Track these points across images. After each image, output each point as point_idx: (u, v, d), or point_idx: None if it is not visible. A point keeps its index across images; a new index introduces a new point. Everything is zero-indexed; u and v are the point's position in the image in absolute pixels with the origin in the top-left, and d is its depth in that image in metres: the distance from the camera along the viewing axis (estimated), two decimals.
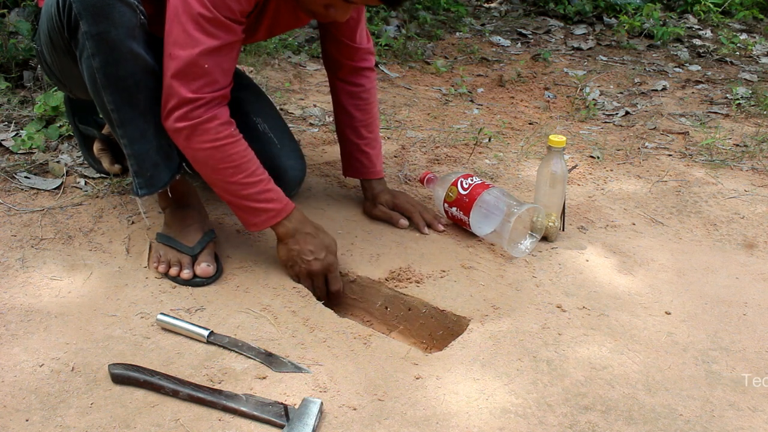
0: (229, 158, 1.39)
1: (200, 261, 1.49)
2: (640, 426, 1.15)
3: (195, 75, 1.32)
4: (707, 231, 1.84)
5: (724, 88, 3.08)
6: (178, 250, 1.50)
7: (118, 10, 1.28)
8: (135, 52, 1.32)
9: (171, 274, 1.47)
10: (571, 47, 3.65)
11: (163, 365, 1.22)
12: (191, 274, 1.47)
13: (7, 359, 1.22)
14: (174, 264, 1.48)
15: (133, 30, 1.31)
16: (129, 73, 1.34)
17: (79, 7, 1.28)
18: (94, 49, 1.30)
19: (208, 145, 1.37)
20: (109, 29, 1.29)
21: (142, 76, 1.35)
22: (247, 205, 1.44)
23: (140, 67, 1.34)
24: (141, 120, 1.39)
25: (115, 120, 1.38)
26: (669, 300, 1.51)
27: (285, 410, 1.12)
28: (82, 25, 1.29)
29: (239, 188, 1.42)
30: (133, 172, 1.45)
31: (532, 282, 1.54)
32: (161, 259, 1.50)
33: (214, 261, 1.51)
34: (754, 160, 2.28)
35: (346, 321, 1.39)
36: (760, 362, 1.33)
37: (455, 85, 2.91)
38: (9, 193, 1.77)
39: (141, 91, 1.36)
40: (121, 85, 1.34)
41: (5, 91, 2.28)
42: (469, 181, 1.69)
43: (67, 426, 1.09)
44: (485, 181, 1.71)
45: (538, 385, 1.23)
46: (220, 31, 1.31)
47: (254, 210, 1.45)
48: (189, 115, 1.34)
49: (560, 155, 1.64)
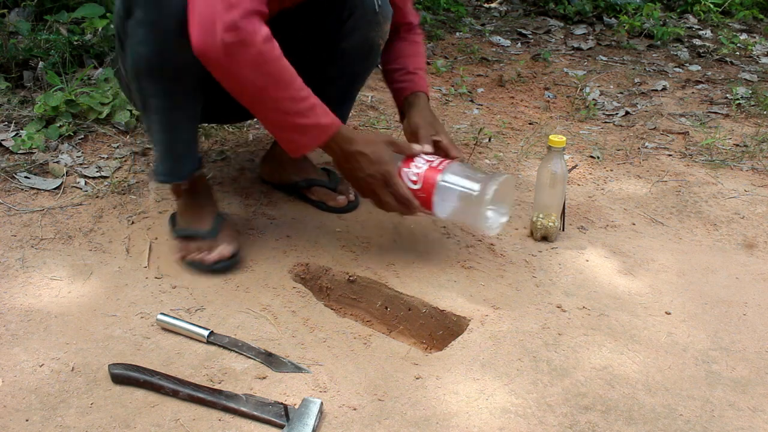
0: (278, 72, 1.31)
1: (220, 242, 1.51)
2: (640, 426, 1.15)
3: None
4: (707, 231, 1.84)
5: (724, 88, 3.08)
6: (197, 239, 1.52)
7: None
8: (183, 42, 1.30)
9: (195, 260, 1.51)
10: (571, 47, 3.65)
11: (163, 365, 1.22)
12: (215, 257, 1.50)
13: (7, 359, 1.22)
14: (194, 251, 1.52)
15: (184, 19, 1.30)
16: (173, 63, 1.34)
17: None
18: (143, 37, 1.32)
19: (258, 58, 1.28)
20: (161, 17, 1.29)
21: (185, 66, 1.34)
22: (296, 123, 1.36)
23: (185, 58, 1.32)
24: (177, 111, 1.40)
25: (151, 107, 1.39)
26: (669, 300, 1.51)
27: (285, 410, 1.12)
28: (136, 13, 1.30)
29: (290, 104, 1.34)
30: (158, 159, 1.49)
31: (532, 282, 1.54)
32: (183, 251, 1.53)
33: (234, 240, 1.54)
34: (754, 160, 2.28)
35: (346, 321, 1.39)
36: (760, 362, 1.33)
37: (455, 85, 2.91)
38: (9, 193, 1.76)
39: (181, 82, 1.37)
40: (164, 74, 1.35)
41: (5, 91, 2.28)
42: (414, 171, 1.46)
43: (67, 426, 1.09)
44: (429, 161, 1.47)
45: (538, 385, 1.23)
46: None
47: (303, 127, 1.37)
48: (238, 25, 1.26)
49: (560, 155, 1.64)
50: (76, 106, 2.11)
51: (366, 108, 2.55)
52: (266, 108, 1.37)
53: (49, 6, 2.77)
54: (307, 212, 1.78)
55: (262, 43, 1.28)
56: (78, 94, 2.13)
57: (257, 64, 1.29)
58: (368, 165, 1.42)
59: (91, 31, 2.63)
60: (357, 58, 1.63)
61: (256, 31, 1.28)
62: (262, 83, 1.32)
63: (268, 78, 1.31)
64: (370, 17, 1.57)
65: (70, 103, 2.10)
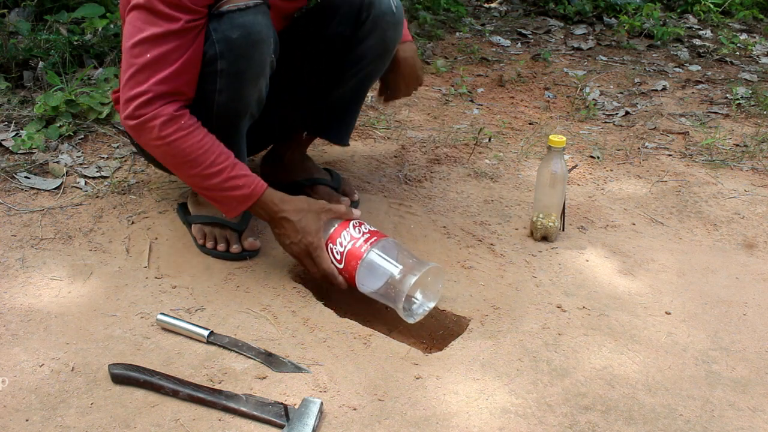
0: (182, 153, 1.35)
1: (246, 236, 1.55)
2: (640, 426, 1.15)
3: (138, 67, 1.30)
4: (707, 231, 1.84)
5: (724, 88, 3.08)
6: (223, 227, 1.54)
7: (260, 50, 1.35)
8: (260, 88, 1.40)
9: (219, 249, 1.53)
10: (571, 47, 3.65)
11: (163, 365, 1.22)
12: (240, 248, 1.54)
13: (7, 359, 1.22)
14: (221, 240, 1.54)
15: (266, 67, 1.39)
16: (244, 105, 1.41)
17: (222, 47, 1.32)
18: (224, 86, 1.36)
19: (158, 142, 1.34)
20: (246, 69, 1.36)
21: (253, 107, 1.44)
22: (215, 195, 1.41)
23: (255, 99, 1.42)
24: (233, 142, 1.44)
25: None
26: (669, 300, 1.51)
27: (285, 410, 1.12)
28: (219, 64, 1.34)
29: (200, 180, 1.38)
30: None
31: (532, 282, 1.54)
32: (207, 236, 1.56)
33: (256, 234, 1.58)
34: (754, 160, 2.28)
35: (346, 321, 1.39)
36: (760, 362, 1.33)
37: (455, 85, 2.91)
38: (9, 193, 1.76)
39: (244, 118, 1.44)
40: (231, 114, 1.41)
41: (5, 91, 2.28)
42: (338, 249, 1.41)
43: (67, 426, 1.09)
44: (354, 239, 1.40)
45: (538, 385, 1.23)
46: (160, 19, 1.28)
47: (222, 199, 1.41)
48: (135, 114, 1.32)
49: (560, 155, 1.64)
50: (76, 106, 2.11)
51: (366, 108, 2.55)
52: (186, 181, 1.45)
53: (49, 6, 2.77)
54: None
55: (161, 128, 1.32)
56: (78, 94, 2.13)
57: (159, 147, 1.36)
58: (293, 233, 1.43)
59: (91, 31, 2.63)
60: (374, 58, 1.63)
61: (157, 116, 1.32)
62: (170, 162, 1.40)
63: (175, 158, 1.37)
64: (389, 18, 1.58)
65: (70, 103, 2.10)
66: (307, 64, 1.64)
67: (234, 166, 1.39)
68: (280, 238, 1.46)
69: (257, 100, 1.45)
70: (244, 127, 1.49)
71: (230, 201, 1.41)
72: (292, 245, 1.43)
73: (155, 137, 1.33)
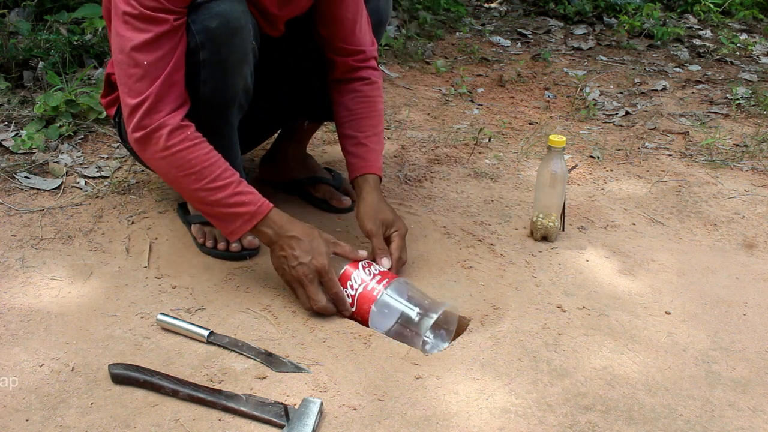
0: (188, 165, 1.32)
1: (245, 235, 1.50)
2: (640, 426, 1.15)
3: (137, 76, 1.29)
4: (707, 231, 1.84)
5: (724, 88, 3.08)
6: None
7: (240, 36, 1.33)
8: (244, 76, 1.39)
9: (219, 248, 1.54)
10: (571, 47, 3.65)
11: (163, 365, 1.22)
12: (239, 246, 1.54)
13: (7, 359, 1.22)
14: (221, 239, 1.55)
15: (248, 54, 1.37)
16: (231, 95, 1.39)
17: (203, 37, 1.31)
18: (208, 76, 1.35)
19: (164, 153, 1.31)
20: (228, 57, 1.34)
21: (240, 96, 1.42)
22: (218, 212, 1.36)
23: (241, 88, 1.41)
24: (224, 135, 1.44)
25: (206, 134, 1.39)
26: (669, 300, 1.51)
27: (285, 410, 1.12)
28: (201, 54, 1.33)
29: (205, 195, 1.33)
30: None
31: (532, 282, 1.54)
32: (207, 236, 1.56)
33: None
34: (754, 160, 2.28)
35: (346, 321, 1.39)
36: (760, 362, 1.33)
37: (455, 85, 2.91)
38: (9, 193, 1.77)
39: (232, 108, 1.43)
40: (219, 105, 1.40)
41: (5, 91, 2.28)
42: (349, 293, 1.37)
43: (67, 426, 1.09)
44: (365, 281, 1.36)
45: (538, 385, 1.23)
46: (149, 24, 1.27)
47: (226, 216, 1.35)
48: (141, 124, 1.30)
49: (560, 155, 1.64)
50: (76, 106, 2.11)
51: None
52: (190, 197, 1.41)
53: (49, 6, 2.77)
54: (307, 212, 1.78)
55: (167, 137, 1.31)
56: (78, 94, 2.13)
57: (165, 158, 1.33)
58: (302, 254, 1.34)
59: (91, 31, 2.63)
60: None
61: (163, 125, 1.31)
62: (175, 175, 1.35)
63: (180, 170, 1.34)
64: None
65: (70, 103, 2.10)
66: (300, 47, 1.60)
67: (240, 183, 1.35)
68: (283, 261, 1.36)
69: (243, 89, 1.42)
70: (235, 118, 1.46)
71: (235, 218, 1.35)
72: (299, 267, 1.34)
73: (162, 148, 1.31)
